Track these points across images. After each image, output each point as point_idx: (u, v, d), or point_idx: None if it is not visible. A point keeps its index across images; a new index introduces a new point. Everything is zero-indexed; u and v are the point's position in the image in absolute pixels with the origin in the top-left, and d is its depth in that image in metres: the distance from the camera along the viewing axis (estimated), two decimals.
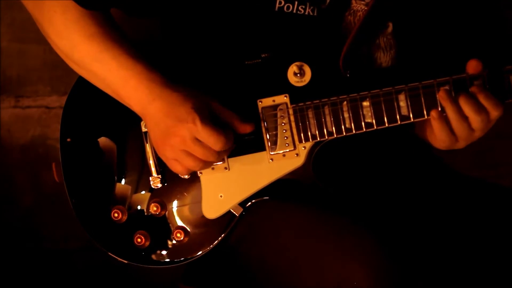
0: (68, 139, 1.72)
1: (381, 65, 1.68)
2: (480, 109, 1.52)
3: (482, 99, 1.52)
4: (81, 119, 1.73)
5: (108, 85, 1.60)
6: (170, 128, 1.53)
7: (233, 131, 1.58)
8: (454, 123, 1.54)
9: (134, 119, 1.68)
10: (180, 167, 1.57)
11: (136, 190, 1.71)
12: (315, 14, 1.62)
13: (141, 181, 1.70)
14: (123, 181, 1.71)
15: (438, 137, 1.57)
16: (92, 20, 1.58)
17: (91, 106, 1.73)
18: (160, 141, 1.56)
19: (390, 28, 1.67)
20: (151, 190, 1.69)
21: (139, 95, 1.56)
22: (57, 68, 2.39)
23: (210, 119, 1.54)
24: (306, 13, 1.62)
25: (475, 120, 1.52)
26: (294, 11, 1.61)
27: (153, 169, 1.68)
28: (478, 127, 1.54)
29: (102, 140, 1.72)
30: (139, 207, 1.70)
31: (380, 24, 1.66)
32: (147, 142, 1.68)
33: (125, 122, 1.71)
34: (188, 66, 1.66)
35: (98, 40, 1.57)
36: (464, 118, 1.53)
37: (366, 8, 1.63)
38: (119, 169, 1.71)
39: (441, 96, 1.54)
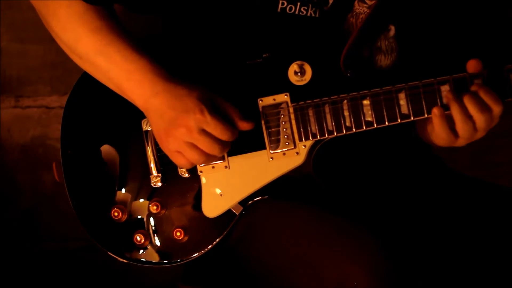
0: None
1: (381, 68, 1.68)
2: (483, 107, 1.51)
3: (483, 95, 1.51)
4: (81, 121, 1.73)
5: (110, 79, 1.60)
6: (176, 119, 1.53)
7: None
8: (459, 124, 1.53)
9: (133, 118, 1.69)
10: (183, 159, 1.57)
11: (136, 190, 1.70)
12: (317, 15, 1.62)
13: (141, 180, 1.70)
14: (123, 181, 1.71)
15: (438, 134, 1.57)
16: (97, 14, 1.59)
17: (90, 108, 1.73)
18: (164, 133, 1.56)
19: (392, 32, 1.67)
20: (151, 189, 1.69)
21: (143, 88, 1.56)
22: (57, 68, 2.40)
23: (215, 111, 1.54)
24: (308, 14, 1.62)
25: (479, 119, 1.52)
26: (297, 12, 1.62)
27: (153, 168, 1.68)
28: (482, 127, 1.54)
29: (102, 141, 1.72)
30: (139, 207, 1.70)
31: (382, 26, 1.66)
32: (147, 141, 1.68)
33: (124, 122, 1.71)
34: (189, 65, 1.66)
35: (102, 34, 1.58)
36: (469, 117, 1.53)
37: (368, 10, 1.63)
38: (119, 168, 1.71)
39: (447, 97, 1.54)
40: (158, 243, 1.69)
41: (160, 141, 1.59)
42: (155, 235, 1.69)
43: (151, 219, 1.69)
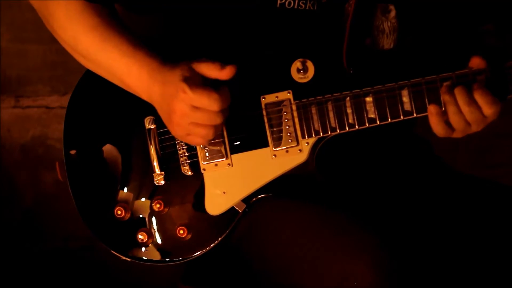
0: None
1: (383, 47, 1.68)
2: (470, 100, 1.53)
3: (477, 95, 1.52)
4: (84, 120, 1.73)
5: (113, 74, 1.61)
6: (169, 107, 1.55)
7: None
8: (450, 115, 1.55)
9: (136, 116, 1.69)
10: (196, 139, 1.57)
11: (139, 188, 1.70)
12: (315, 8, 1.63)
13: (144, 178, 1.70)
14: (126, 179, 1.71)
15: (434, 128, 1.58)
16: (94, 12, 1.60)
17: (93, 106, 1.73)
18: (169, 123, 1.58)
19: (393, 12, 1.67)
20: (154, 187, 1.69)
21: (143, 82, 1.57)
22: (57, 68, 2.40)
23: (201, 83, 1.54)
24: (307, 7, 1.62)
25: (466, 111, 1.53)
26: (295, 7, 1.62)
27: (156, 166, 1.68)
28: (471, 119, 1.54)
29: (105, 139, 1.72)
30: (142, 205, 1.70)
31: (372, 7, 1.66)
32: (150, 140, 1.68)
33: (127, 120, 1.71)
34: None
35: (100, 31, 1.59)
36: (459, 109, 1.54)
37: None
38: (122, 166, 1.71)
39: (442, 90, 1.55)
40: (161, 241, 1.69)
41: (170, 130, 1.60)
42: (158, 233, 1.69)
43: (154, 217, 1.69)
